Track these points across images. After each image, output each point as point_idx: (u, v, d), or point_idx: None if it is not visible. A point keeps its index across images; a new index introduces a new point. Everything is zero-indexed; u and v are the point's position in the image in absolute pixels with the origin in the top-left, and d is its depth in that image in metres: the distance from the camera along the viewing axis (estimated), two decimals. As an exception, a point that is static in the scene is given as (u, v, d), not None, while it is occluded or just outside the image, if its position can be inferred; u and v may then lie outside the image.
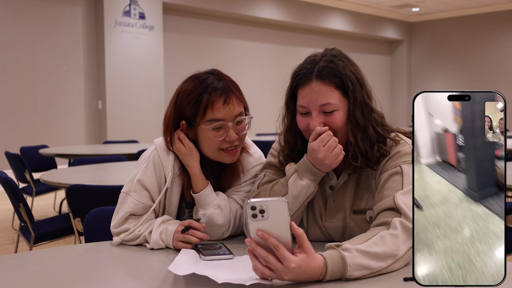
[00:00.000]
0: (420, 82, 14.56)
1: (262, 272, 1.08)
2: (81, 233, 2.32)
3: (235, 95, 1.47)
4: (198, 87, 1.47)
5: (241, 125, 1.50)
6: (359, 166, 1.38)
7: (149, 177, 1.53)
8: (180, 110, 1.50)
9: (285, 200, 1.06)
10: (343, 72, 1.37)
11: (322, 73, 1.37)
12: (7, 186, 2.87)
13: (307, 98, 1.38)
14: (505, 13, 12.93)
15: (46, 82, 8.08)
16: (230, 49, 10.78)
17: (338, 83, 1.37)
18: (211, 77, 1.49)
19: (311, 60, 1.41)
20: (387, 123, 1.45)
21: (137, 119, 8.81)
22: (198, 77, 1.51)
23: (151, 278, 1.19)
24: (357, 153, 1.37)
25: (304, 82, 1.39)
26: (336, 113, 1.37)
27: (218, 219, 1.49)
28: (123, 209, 1.51)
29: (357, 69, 1.42)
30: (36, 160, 5.31)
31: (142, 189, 1.52)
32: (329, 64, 1.38)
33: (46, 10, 8.05)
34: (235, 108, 1.47)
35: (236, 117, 1.47)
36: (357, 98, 1.38)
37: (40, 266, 1.28)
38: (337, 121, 1.37)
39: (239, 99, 1.49)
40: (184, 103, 1.49)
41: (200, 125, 1.47)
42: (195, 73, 1.53)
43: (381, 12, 13.39)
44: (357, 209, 1.43)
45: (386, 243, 1.17)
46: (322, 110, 1.37)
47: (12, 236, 4.67)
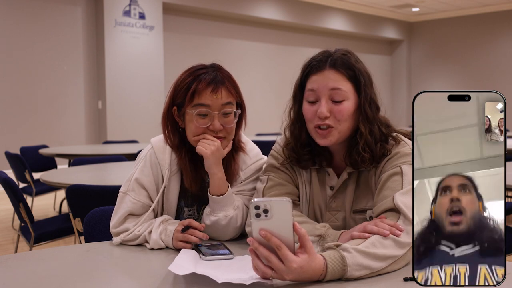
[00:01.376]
0: (420, 82, 14.56)
1: (264, 272, 1.08)
2: (81, 233, 2.32)
3: (225, 87, 1.48)
4: (191, 76, 1.49)
5: (228, 117, 1.49)
6: (367, 158, 1.37)
7: (146, 175, 1.53)
8: (173, 98, 1.53)
9: (289, 200, 1.06)
10: (356, 66, 1.39)
11: (336, 62, 1.38)
12: (7, 186, 2.87)
13: (317, 82, 1.38)
14: (505, 13, 12.93)
15: (46, 82, 8.08)
16: (230, 49, 10.78)
17: (351, 75, 1.38)
18: (207, 69, 1.51)
19: (324, 52, 1.43)
20: (391, 123, 1.45)
21: (137, 119, 8.81)
22: (193, 68, 1.53)
23: (151, 278, 1.19)
24: (365, 146, 1.37)
25: (317, 69, 1.39)
26: (345, 103, 1.37)
27: (238, 221, 1.49)
28: (122, 209, 1.51)
29: (367, 69, 1.43)
30: (36, 160, 5.31)
31: (140, 188, 1.52)
32: (343, 57, 1.39)
33: (46, 10, 8.05)
34: (222, 97, 1.47)
35: (223, 106, 1.47)
36: (368, 94, 1.39)
37: (40, 266, 1.28)
38: (344, 111, 1.36)
39: (229, 91, 1.49)
40: (176, 90, 1.51)
41: (187, 109, 1.48)
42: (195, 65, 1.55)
43: (381, 12, 13.39)
44: (357, 209, 1.43)
45: (384, 244, 1.17)
46: (331, 96, 1.36)
47: (12, 236, 4.67)
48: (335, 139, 1.39)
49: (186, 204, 1.58)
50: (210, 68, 1.52)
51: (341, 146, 1.43)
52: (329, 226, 1.34)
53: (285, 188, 1.48)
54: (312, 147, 1.46)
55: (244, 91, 1.57)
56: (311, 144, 1.45)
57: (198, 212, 1.59)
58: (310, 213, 1.49)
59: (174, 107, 1.53)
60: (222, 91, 1.47)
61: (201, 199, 1.57)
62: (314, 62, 1.41)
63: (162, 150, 1.55)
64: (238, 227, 1.50)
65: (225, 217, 1.47)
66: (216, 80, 1.47)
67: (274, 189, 1.47)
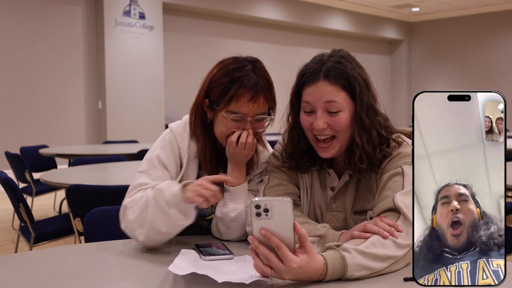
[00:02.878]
0: (420, 82, 14.56)
1: (263, 271, 1.08)
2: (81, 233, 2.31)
3: (263, 94, 1.45)
4: (228, 76, 1.45)
5: (261, 122, 1.49)
6: (364, 169, 1.37)
7: (167, 155, 1.51)
8: (209, 89, 1.49)
9: (289, 200, 1.06)
10: (351, 73, 1.36)
11: (329, 73, 1.35)
12: (7, 186, 2.87)
13: (312, 95, 1.37)
14: (505, 13, 12.93)
15: (46, 82, 8.08)
16: (230, 49, 10.63)
17: (346, 84, 1.36)
18: (248, 67, 1.46)
19: (319, 60, 1.40)
20: (391, 124, 1.44)
21: (137, 119, 8.81)
22: (231, 63, 1.48)
23: (151, 278, 1.19)
24: (362, 156, 1.37)
25: (311, 81, 1.37)
26: (341, 114, 1.36)
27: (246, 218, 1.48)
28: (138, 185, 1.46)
29: (363, 72, 1.41)
30: (36, 160, 5.31)
31: (162, 167, 1.49)
32: (337, 65, 1.37)
33: (46, 10, 8.05)
34: (259, 107, 1.45)
35: (258, 115, 1.46)
36: (364, 100, 1.37)
37: (40, 266, 1.28)
38: (341, 122, 1.36)
39: (267, 99, 1.46)
40: (214, 84, 1.47)
41: (222, 111, 1.46)
42: (236, 56, 1.51)
43: (381, 12, 13.39)
44: (357, 209, 1.43)
45: (384, 244, 1.17)
46: (327, 108, 1.36)
47: (12, 236, 4.68)
48: (336, 151, 1.39)
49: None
50: (248, 66, 1.46)
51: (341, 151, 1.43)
52: (329, 227, 1.34)
53: (285, 188, 1.47)
54: (311, 154, 1.46)
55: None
56: (310, 152, 1.45)
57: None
58: (310, 213, 1.49)
59: (206, 99, 1.51)
60: (260, 100, 1.44)
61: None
62: (308, 73, 1.38)
63: (181, 134, 1.54)
64: (244, 225, 1.48)
65: (234, 210, 1.47)
66: (257, 87, 1.43)
67: (275, 189, 1.47)
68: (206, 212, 1.58)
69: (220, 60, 1.51)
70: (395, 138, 1.41)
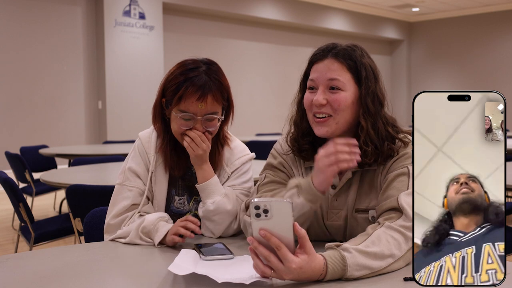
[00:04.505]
0: (420, 82, 14.56)
1: (263, 271, 1.08)
2: (81, 233, 2.32)
3: (212, 95, 1.51)
4: (182, 75, 1.52)
5: (211, 121, 1.54)
6: (370, 152, 1.35)
7: (137, 164, 1.61)
8: (165, 88, 1.57)
9: (289, 201, 1.06)
10: (359, 59, 1.39)
11: (338, 53, 1.39)
12: (7, 186, 2.87)
13: (317, 72, 1.39)
14: (505, 13, 12.93)
15: (46, 82, 8.08)
16: (230, 49, 10.78)
17: (352, 66, 1.38)
18: (201, 69, 1.53)
19: (332, 43, 1.44)
20: (399, 125, 1.45)
21: (137, 119, 8.80)
22: (189, 63, 1.55)
23: (151, 278, 1.19)
24: (367, 140, 1.36)
25: (319, 58, 1.41)
26: (342, 93, 1.37)
27: (227, 205, 1.53)
28: (120, 199, 1.57)
29: (373, 63, 1.43)
30: (36, 160, 5.31)
31: (134, 176, 1.60)
32: (348, 49, 1.40)
33: (46, 10, 8.05)
34: (207, 106, 1.51)
35: (207, 114, 1.52)
36: (370, 86, 1.38)
37: (40, 266, 1.28)
38: (340, 101, 1.36)
39: (215, 98, 1.52)
40: (169, 84, 1.55)
41: (172, 110, 1.54)
42: (193, 58, 1.58)
43: (381, 12, 13.39)
44: (359, 208, 1.42)
45: (383, 243, 1.17)
46: (329, 85, 1.37)
47: (12, 236, 4.68)
48: (332, 129, 1.38)
49: (176, 193, 1.64)
50: (201, 67, 1.54)
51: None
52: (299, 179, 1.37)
53: (279, 185, 1.48)
54: (313, 138, 1.46)
55: (243, 91, 1.58)
56: (312, 134, 1.46)
57: (189, 202, 1.64)
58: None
59: (163, 98, 1.58)
60: (208, 100, 1.51)
61: (191, 190, 1.63)
62: (319, 51, 1.43)
63: (148, 139, 1.64)
64: (229, 212, 1.53)
65: (212, 203, 1.53)
66: (204, 87, 1.50)
67: (268, 186, 1.48)
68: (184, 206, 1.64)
69: (180, 61, 1.58)
70: (402, 138, 1.41)
